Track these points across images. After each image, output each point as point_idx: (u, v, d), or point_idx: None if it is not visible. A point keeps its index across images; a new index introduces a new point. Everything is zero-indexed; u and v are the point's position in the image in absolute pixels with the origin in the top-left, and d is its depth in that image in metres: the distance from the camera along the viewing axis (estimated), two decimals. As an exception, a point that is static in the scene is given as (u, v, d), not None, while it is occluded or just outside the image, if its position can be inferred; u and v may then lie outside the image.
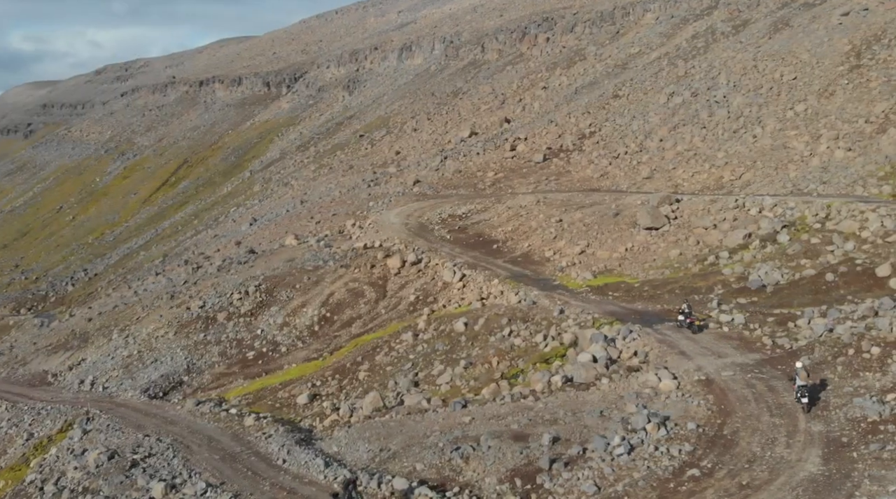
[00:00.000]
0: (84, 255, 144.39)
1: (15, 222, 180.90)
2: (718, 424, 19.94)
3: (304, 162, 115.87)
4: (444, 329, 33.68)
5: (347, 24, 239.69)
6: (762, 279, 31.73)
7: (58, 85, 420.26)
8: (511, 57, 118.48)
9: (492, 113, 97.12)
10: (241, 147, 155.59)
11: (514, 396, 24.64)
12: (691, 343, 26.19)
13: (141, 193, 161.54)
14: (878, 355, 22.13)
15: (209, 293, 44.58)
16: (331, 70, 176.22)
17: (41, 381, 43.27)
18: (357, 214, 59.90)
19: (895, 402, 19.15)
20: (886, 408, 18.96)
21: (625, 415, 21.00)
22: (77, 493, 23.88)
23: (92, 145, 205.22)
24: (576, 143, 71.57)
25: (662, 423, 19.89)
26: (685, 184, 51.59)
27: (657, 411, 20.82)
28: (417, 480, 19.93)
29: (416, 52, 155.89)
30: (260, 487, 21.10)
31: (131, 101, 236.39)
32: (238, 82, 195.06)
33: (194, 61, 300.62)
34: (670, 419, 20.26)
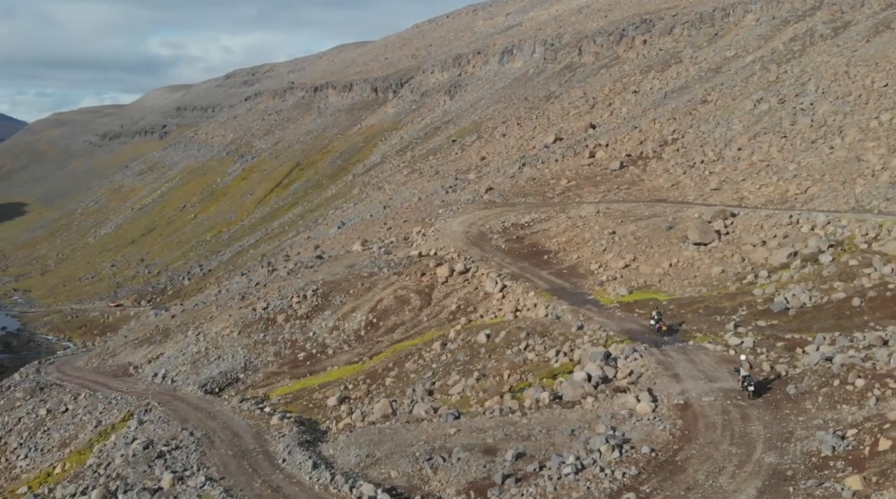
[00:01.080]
0: (201, 251, 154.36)
1: (143, 219, 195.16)
2: (675, 449, 20.24)
3: (400, 166, 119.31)
4: (469, 340, 34.89)
5: (457, 28, 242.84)
6: (786, 302, 31.07)
7: (191, 89, 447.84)
8: (607, 60, 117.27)
9: (580, 118, 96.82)
10: (347, 151, 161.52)
11: (503, 410, 25.57)
12: (689, 365, 26.25)
13: (256, 193, 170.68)
14: (860, 388, 21.62)
15: (273, 296, 47.63)
16: (435, 75, 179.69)
17: (123, 372, 47.64)
18: (425, 220, 61.81)
19: (854, 438, 18.82)
20: (843, 444, 18.70)
21: (591, 435, 21.62)
22: (111, 478, 26.84)
23: (215, 147, 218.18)
24: (656, 150, 70.53)
25: (619, 445, 20.41)
26: (750, 197, 50.18)
27: (622, 433, 21.33)
28: (389, 486, 21.34)
29: (517, 55, 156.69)
30: (252, 484, 23.14)
31: (253, 105, 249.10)
32: (349, 88, 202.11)
33: (314, 66, 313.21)
34: (629, 442, 20.73)
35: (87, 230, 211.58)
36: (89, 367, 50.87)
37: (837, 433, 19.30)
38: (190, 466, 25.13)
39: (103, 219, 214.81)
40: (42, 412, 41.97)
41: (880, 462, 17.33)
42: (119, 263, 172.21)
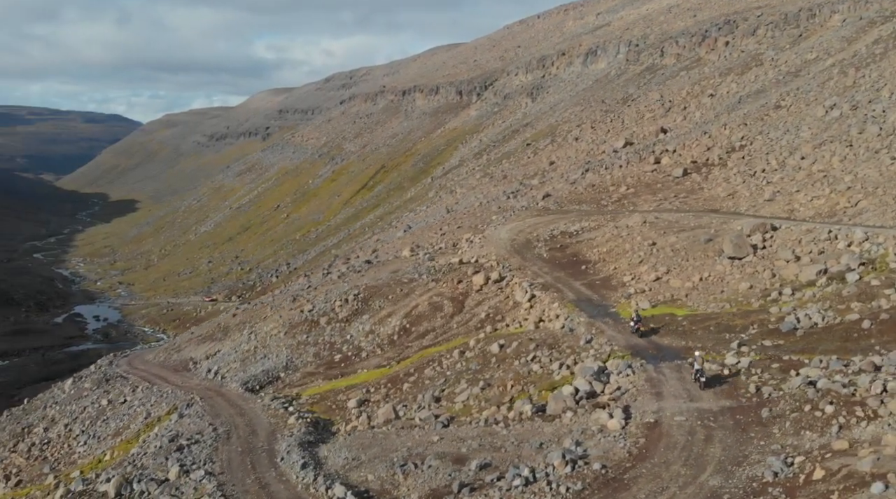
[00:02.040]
0: (290, 250, 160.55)
1: (240, 218, 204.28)
2: (626, 467, 20.76)
3: (474, 170, 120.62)
4: (484, 350, 35.87)
5: (546, 29, 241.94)
6: (797, 322, 30.54)
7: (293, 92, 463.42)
8: (688, 62, 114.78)
9: (653, 121, 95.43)
10: (429, 154, 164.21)
11: (488, 421, 26.56)
12: (677, 384, 26.45)
13: (343, 194, 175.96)
14: (828, 415, 21.44)
15: (320, 299, 49.95)
16: (519, 77, 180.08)
17: (184, 367, 51.02)
18: (478, 227, 62.89)
19: (798, 466, 18.86)
20: (787, 470, 18.79)
21: (554, 449, 22.36)
22: (136, 468, 29.42)
23: (309, 150, 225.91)
24: (722, 157, 69.09)
25: (574, 460, 21.10)
26: (801, 209, 48.78)
27: (583, 449, 21.98)
28: (363, 489, 22.79)
29: (601, 56, 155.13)
30: (245, 480, 25.07)
31: (347, 108, 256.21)
32: (435, 91, 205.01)
33: (407, 69, 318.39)
34: (585, 458, 21.37)
35: (188, 227, 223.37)
36: (156, 361, 54.64)
37: (787, 460, 19.37)
38: (199, 460, 27.31)
39: (204, 217, 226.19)
40: (104, 402, 45.70)
41: (810, 492, 17.44)
42: (215, 259, 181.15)
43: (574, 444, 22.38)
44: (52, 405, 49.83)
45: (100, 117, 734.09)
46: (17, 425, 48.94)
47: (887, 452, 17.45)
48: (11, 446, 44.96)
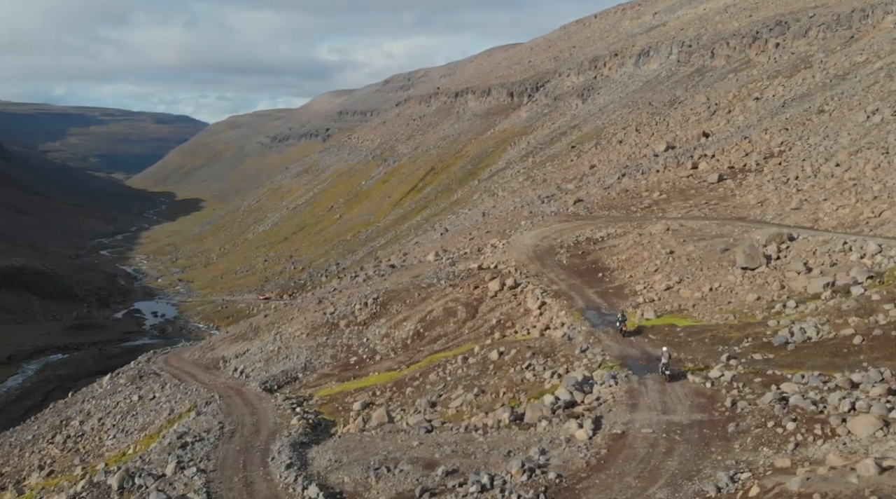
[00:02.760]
0: (341, 250, 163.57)
1: (296, 218, 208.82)
2: (581, 477, 21.26)
3: (518, 173, 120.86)
4: (485, 356, 36.58)
5: (602, 29, 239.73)
6: (790, 336, 30.35)
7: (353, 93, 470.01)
8: (738, 63, 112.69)
9: (698, 125, 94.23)
10: (478, 156, 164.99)
11: (468, 427, 27.31)
12: (656, 395, 26.71)
13: (393, 196, 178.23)
14: (789, 431, 21.52)
15: (342, 301, 51.40)
16: (570, 78, 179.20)
17: (214, 366, 53.15)
18: (505, 232, 63.45)
19: (743, 483, 19.09)
20: (731, 487, 19.02)
21: (517, 457, 23.01)
22: (145, 462, 31.15)
23: (364, 151, 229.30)
24: (759, 163, 68.09)
25: (532, 469, 21.71)
26: (825, 218, 47.91)
27: (546, 458, 22.57)
28: (338, 491, 23.84)
29: (653, 57, 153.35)
30: (233, 478, 26.40)
31: (402, 111, 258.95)
32: (487, 92, 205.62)
33: (464, 70, 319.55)
34: (545, 467, 21.96)
35: (247, 227, 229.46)
36: (190, 359, 56.98)
37: (734, 476, 19.61)
38: (197, 457, 28.80)
39: (262, 217, 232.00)
40: (135, 398, 48.07)
41: (742, 508, 17.71)
42: (271, 258, 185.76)
43: (539, 453, 22.98)
44: (90, 400, 52.61)
45: (169, 118, 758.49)
46: (57, 417, 51.86)
47: (820, 472, 17.59)
48: (50, 437, 47.71)
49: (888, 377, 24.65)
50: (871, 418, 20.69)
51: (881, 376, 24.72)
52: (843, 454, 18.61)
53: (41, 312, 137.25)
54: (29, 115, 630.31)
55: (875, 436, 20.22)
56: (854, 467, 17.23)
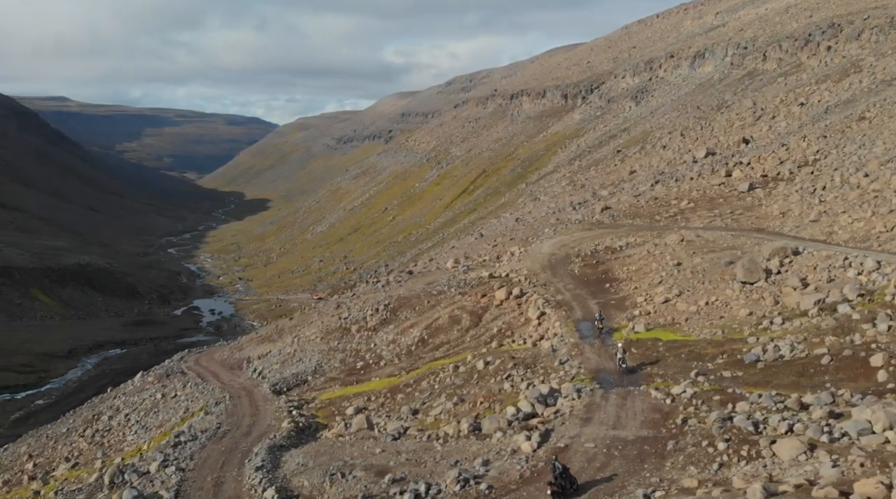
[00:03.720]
0: (391, 252, 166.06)
1: (351, 220, 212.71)
2: (510, 489, 22.00)
3: (562, 177, 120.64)
4: (474, 365, 37.47)
5: (663, 29, 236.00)
6: (762, 353, 30.32)
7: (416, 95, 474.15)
8: (789, 67, 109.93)
9: (742, 130, 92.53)
10: (528, 159, 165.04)
11: (430, 436, 28.36)
12: (614, 410, 27.19)
13: (445, 198, 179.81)
14: (719, 451, 21.82)
15: (356, 307, 52.99)
16: (625, 79, 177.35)
17: (238, 366, 55.45)
18: (528, 239, 63.96)
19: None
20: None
21: (461, 468, 23.95)
22: (142, 460, 33.27)
23: (419, 154, 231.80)
24: (793, 171, 66.76)
25: (467, 480, 22.64)
26: (839, 232, 46.95)
27: (487, 469, 23.45)
28: (295, 494, 25.23)
29: (709, 59, 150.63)
30: (207, 477, 28.07)
31: (459, 113, 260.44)
32: (542, 95, 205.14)
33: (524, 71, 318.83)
34: (479, 478, 22.84)
35: (306, 227, 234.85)
36: (219, 359, 59.50)
37: (649, 494, 20.13)
38: (183, 456, 30.69)
39: (321, 217, 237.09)
40: (158, 396, 50.65)
41: (639, 526, 18.27)
42: (326, 258, 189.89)
43: (481, 464, 23.87)
44: (121, 396, 55.61)
45: (240, 120, 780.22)
46: (90, 411, 55.03)
47: (715, 494, 18.00)
48: (81, 430, 50.73)
49: (840, 400, 24.66)
50: (796, 442, 20.86)
51: (832, 399, 24.74)
52: (746, 477, 18.95)
53: (104, 309, 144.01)
54: (107, 116, 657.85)
55: (797, 460, 20.41)
56: (745, 491, 17.59)
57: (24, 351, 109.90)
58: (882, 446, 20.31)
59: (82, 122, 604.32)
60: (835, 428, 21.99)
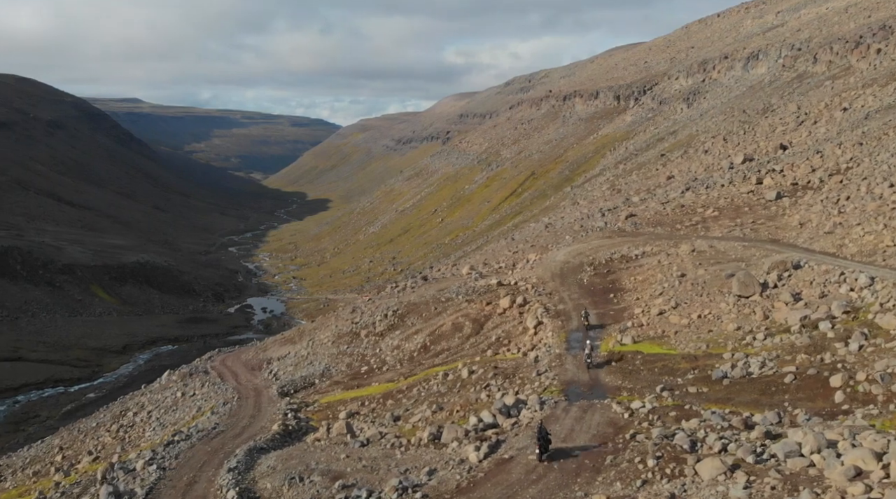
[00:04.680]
0: (437, 254, 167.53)
1: (402, 221, 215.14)
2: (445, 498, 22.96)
3: (605, 181, 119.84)
4: (460, 374, 38.35)
5: (723, 29, 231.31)
6: (730, 370, 30.35)
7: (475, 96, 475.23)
8: (838, 70, 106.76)
9: (783, 135, 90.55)
10: (576, 161, 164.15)
11: (394, 444, 29.39)
12: (571, 423, 27.69)
13: (493, 201, 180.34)
14: (648, 468, 22.18)
15: (368, 312, 54.38)
16: (679, 81, 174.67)
17: (258, 367, 57.50)
18: (546, 246, 64.30)
19: (568, 514, 20.24)
20: (557, 518, 20.26)
21: (404, 476, 24.94)
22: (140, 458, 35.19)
23: (471, 156, 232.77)
24: (823, 180, 65.41)
25: (406, 488, 23.60)
26: (850, 245, 45.97)
27: (429, 478, 24.37)
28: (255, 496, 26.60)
29: (762, 60, 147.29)
30: (184, 476, 29.67)
31: (513, 114, 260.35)
32: (595, 96, 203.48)
33: (582, 71, 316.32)
34: (418, 487, 23.75)
35: (360, 228, 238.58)
36: (244, 359, 61.70)
37: (569, 509, 20.76)
38: (169, 454, 32.46)
39: (373, 218, 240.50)
40: (178, 394, 53.01)
41: (542, 540, 18.93)
42: (376, 259, 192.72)
43: (427, 473, 24.78)
44: (147, 393, 58.34)
45: (304, 121, 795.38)
46: (120, 407, 57.90)
47: (612, 511, 18.54)
48: (108, 425, 53.52)
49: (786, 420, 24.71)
50: (717, 462, 21.14)
51: (779, 419, 24.81)
52: (650, 496, 19.39)
53: (160, 306, 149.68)
54: (177, 117, 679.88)
55: (716, 479, 20.71)
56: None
57: (81, 346, 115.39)
58: (804, 469, 20.44)
59: (154, 123, 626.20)
60: (767, 449, 22.17)
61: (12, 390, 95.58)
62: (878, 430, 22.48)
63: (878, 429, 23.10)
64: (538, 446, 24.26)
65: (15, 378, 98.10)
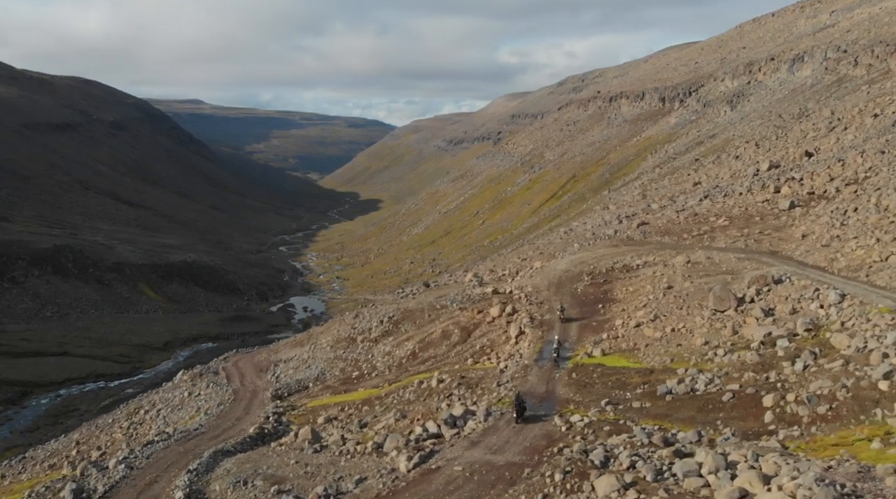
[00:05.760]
0: (475, 256, 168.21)
1: (444, 222, 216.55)
2: (362, 506, 24.08)
3: (638, 186, 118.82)
4: (430, 383, 39.36)
5: (776, 28, 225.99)
6: (675, 385, 30.64)
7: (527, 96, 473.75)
8: (877, 74, 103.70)
9: (813, 141, 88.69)
10: (617, 164, 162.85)
11: (343, 451, 30.61)
12: (507, 434, 28.45)
13: (533, 203, 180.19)
14: (555, 482, 22.86)
15: (367, 317, 55.80)
16: (724, 82, 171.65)
17: (266, 368, 59.51)
18: (554, 254, 64.68)
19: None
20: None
21: (333, 483, 26.15)
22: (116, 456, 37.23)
23: (515, 157, 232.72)
24: (840, 189, 64.20)
25: (329, 495, 24.82)
26: (840, 259, 45.26)
27: (353, 487, 25.53)
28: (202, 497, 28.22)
29: (808, 62, 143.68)
30: (147, 476, 31.46)
31: (560, 115, 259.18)
32: (641, 97, 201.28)
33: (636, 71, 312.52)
34: (341, 495, 24.96)
35: (403, 229, 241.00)
36: (255, 361, 63.89)
37: (463, 520, 21.64)
38: (142, 454, 34.34)
39: (417, 220, 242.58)
40: (186, 394, 55.34)
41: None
42: (416, 260, 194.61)
43: (355, 481, 25.93)
44: (160, 392, 61.01)
45: (360, 122, 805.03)
46: (136, 405, 60.70)
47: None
48: (121, 422, 56.22)
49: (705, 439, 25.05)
50: (613, 479, 21.71)
51: (698, 437, 25.16)
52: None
53: (205, 304, 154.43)
54: (238, 118, 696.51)
55: (609, 496, 21.32)
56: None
57: (125, 342, 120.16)
58: (698, 488, 20.90)
59: (215, 124, 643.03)
60: (670, 468, 22.61)
61: (56, 384, 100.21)
62: (787, 452, 22.79)
63: (791, 451, 23.38)
64: (515, 411, 28.93)
65: (59, 373, 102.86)
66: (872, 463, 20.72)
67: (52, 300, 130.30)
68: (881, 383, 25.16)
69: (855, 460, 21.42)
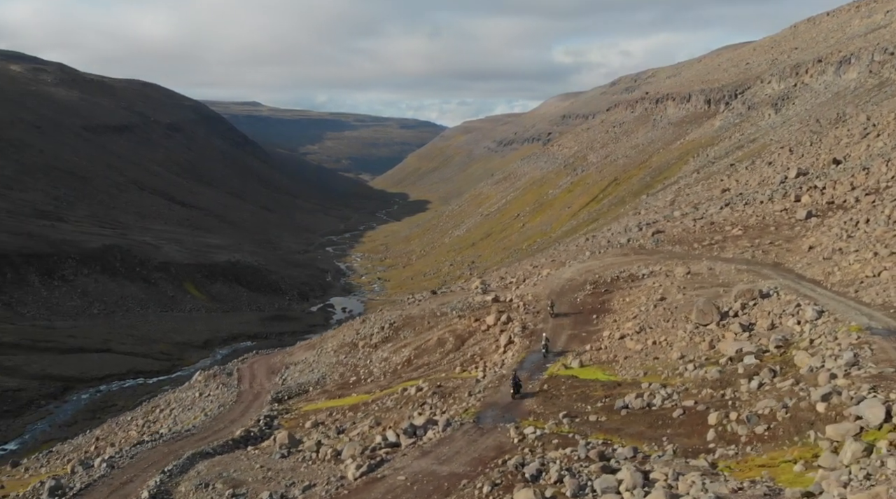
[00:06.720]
0: (513, 259, 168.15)
1: (485, 225, 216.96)
2: (301, 512, 25.13)
3: (674, 190, 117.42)
4: (409, 391, 40.23)
5: (829, 28, 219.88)
6: (632, 400, 30.85)
7: (579, 96, 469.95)
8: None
9: (847, 147, 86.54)
10: (659, 167, 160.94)
11: (305, 457, 31.71)
12: (460, 445, 29.13)
13: (573, 207, 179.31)
14: (483, 494, 23.57)
15: (370, 323, 56.95)
16: (771, 85, 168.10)
17: (277, 371, 61.22)
18: (564, 261, 64.83)
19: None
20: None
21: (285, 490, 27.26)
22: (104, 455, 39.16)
23: (559, 159, 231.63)
24: (859, 199, 62.71)
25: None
26: (836, 273, 44.42)
27: (301, 493, 26.62)
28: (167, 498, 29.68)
29: (854, 64, 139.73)
30: (124, 476, 33.11)
31: (607, 117, 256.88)
32: (687, 99, 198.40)
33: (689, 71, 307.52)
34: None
35: (446, 231, 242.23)
36: (269, 363, 65.74)
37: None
38: (128, 454, 36.11)
39: (460, 222, 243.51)
40: (197, 395, 57.39)
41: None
42: (456, 263, 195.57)
43: (304, 488, 27.01)
44: (177, 391, 63.31)
45: (412, 123, 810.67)
46: (153, 403, 63.17)
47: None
48: (138, 419, 58.66)
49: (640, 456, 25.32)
50: (530, 493, 22.27)
51: (633, 454, 25.45)
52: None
53: (247, 303, 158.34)
54: (293, 120, 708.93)
55: (525, 511, 21.89)
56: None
57: (167, 340, 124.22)
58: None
59: (271, 125, 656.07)
60: (591, 483, 23.02)
61: (97, 380, 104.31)
62: (712, 471, 23.02)
63: (720, 470, 23.57)
64: (512, 387, 33.59)
65: (101, 369, 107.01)
66: (787, 486, 20.87)
67: (99, 298, 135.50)
68: (819, 405, 25.01)
69: (772, 482, 21.58)
